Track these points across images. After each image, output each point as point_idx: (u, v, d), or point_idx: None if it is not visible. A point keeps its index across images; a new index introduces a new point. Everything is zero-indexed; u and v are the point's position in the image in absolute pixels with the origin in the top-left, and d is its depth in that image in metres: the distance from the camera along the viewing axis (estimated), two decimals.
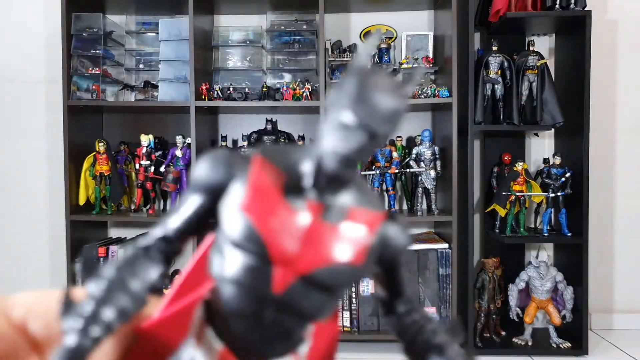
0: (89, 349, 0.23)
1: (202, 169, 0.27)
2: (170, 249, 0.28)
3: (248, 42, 2.71)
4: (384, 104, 0.23)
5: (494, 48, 2.50)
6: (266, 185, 0.25)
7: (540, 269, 2.44)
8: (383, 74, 0.25)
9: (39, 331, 0.26)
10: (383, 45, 2.73)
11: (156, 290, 0.28)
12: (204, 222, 0.28)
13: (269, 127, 2.69)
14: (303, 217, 0.25)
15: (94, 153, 2.53)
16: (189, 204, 0.28)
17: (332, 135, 0.24)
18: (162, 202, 2.83)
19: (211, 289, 0.28)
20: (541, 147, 2.80)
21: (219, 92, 2.51)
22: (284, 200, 0.25)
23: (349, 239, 0.25)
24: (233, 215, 0.25)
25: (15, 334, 0.26)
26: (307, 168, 0.26)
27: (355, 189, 0.27)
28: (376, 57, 2.73)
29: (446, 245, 2.49)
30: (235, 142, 2.83)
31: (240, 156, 0.27)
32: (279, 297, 0.25)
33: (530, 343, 2.46)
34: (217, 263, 0.26)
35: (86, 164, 2.54)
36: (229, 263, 0.26)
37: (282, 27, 2.69)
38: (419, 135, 2.61)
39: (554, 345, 2.45)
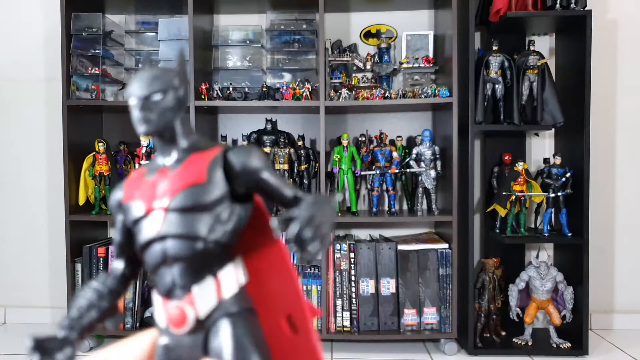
0: (74, 338, 0.36)
1: (110, 199, 0.40)
2: (124, 264, 0.39)
3: (248, 41, 2.70)
4: (138, 81, 0.36)
5: (495, 48, 2.50)
6: (131, 179, 0.38)
7: (541, 269, 2.43)
8: (145, 67, 0.37)
9: None
10: (383, 45, 2.73)
11: (119, 295, 0.39)
12: (130, 233, 0.38)
13: (269, 126, 2.69)
14: (157, 179, 0.36)
15: (94, 153, 2.53)
16: (117, 225, 0.39)
17: (133, 115, 0.36)
18: None
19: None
20: (541, 147, 2.80)
21: (218, 91, 2.51)
22: (143, 179, 0.37)
23: (188, 171, 0.35)
24: (123, 207, 0.37)
25: None
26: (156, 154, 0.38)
27: (197, 141, 0.37)
28: (376, 56, 2.73)
29: (446, 246, 2.49)
30: (235, 141, 2.82)
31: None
32: (162, 233, 0.33)
33: (530, 343, 2.46)
34: (137, 247, 0.36)
35: (86, 164, 2.54)
36: (136, 238, 0.36)
37: (282, 27, 2.69)
38: (419, 135, 2.61)
39: (554, 346, 2.45)
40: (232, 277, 0.34)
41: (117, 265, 0.38)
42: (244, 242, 0.36)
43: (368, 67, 2.62)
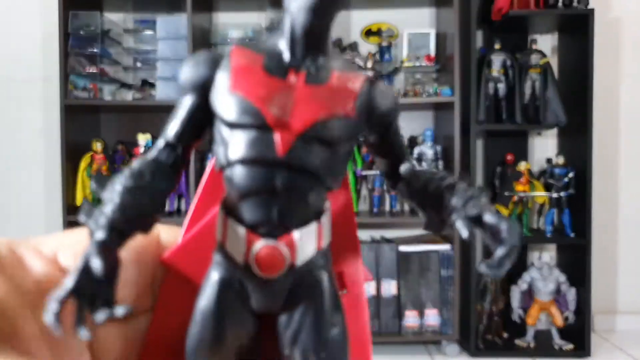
0: (116, 243, 0.27)
1: (187, 71, 0.29)
2: (175, 155, 0.30)
3: (247, 40, 2.68)
4: None
5: (497, 46, 2.49)
6: (247, 65, 0.28)
7: (543, 270, 2.43)
8: None
9: (69, 262, 0.29)
10: (384, 44, 2.71)
11: (166, 198, 0.29)
12: (201, 121, 0.30)
13: None
14: (288, 84, 0.28)
15: (91, 153, 2.51)
16: (183, 107, 0.30)
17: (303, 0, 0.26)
18: None
19: (223, 185, 0.29)
20: (544, 147, 2.78)
21: None
22: (267, 74, 0.28)
23: (335, 96, 0.28)
24: (225, 98, 0.28)
25: (46, 266, 0.29)
26: (283, 45, 0.28)
27: (335, 57, 0.29)
28: (377, 55, 2.70)
29: (448, 247, 2.47)
30: None
31: (219, 53, 0.30)
32: (285, 158, 0.27)
33: (532, 345, 2.45)
34: (221, 154, 0.28)
35: (83, 164, 2.52)
36: (232, 146, 0.27)
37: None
38: (421, 135, 2.59)
39: (557, 347, 2.44)
40: (328, 225, 0.30)
41: (167, 158, 0.30)
42: None
43: (369, 65, 2.60)
